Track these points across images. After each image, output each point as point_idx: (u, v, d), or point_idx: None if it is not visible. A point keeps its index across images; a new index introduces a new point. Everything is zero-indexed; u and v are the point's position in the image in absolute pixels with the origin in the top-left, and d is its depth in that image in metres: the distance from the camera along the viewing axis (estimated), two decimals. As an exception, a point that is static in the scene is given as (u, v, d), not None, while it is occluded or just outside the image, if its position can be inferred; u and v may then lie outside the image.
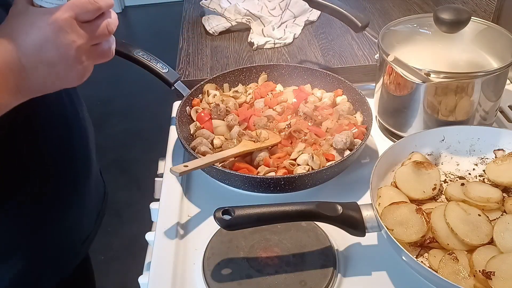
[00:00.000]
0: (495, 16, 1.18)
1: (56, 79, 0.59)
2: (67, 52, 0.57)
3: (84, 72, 0.61)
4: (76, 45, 0.57)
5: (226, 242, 0.76)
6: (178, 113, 0.95)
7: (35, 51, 0.56)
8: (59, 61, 0.57)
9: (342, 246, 0.77)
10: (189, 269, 0.75)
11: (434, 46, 0.95)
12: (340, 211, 0.70)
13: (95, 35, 0.59)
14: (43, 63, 0.57)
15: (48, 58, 0.57)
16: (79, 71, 0.60)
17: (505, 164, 0.82)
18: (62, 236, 0.84)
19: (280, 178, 0.80)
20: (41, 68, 0.57)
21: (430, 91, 0.89)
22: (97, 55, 0.61)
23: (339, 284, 0.71)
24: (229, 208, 0.68)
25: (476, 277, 0.65)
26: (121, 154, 2.66)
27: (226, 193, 0.87)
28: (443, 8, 0.90)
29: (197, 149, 0.89)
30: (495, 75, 0.86)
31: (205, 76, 1.17)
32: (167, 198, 0.87)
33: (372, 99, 1.02)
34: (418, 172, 0.80)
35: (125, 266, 2.03)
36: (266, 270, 0.71)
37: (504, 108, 1.08)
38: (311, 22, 1.41)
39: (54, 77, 0.59)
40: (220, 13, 1.39)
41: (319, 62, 1.21)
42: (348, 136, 0.89)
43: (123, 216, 2.29)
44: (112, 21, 0.60)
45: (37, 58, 0.57)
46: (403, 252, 0.66)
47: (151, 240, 0.83)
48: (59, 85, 0.61)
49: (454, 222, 0.70)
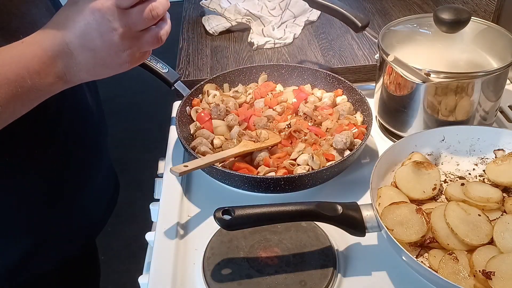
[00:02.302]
0: (495, 16, 1.18)
1: (102, 66, 0.61)
2: (110, 40, 0.58)
3: (130, 58, 0.61)
4: (118, 33, 0.58)
5: (226, 242, 0.76)
6: (178, 113, 0.95)
7: (80, 38, 0.58)
8: (102, 48, 0.59)
9: (342, 246, 0.76)
10: (189, 269, 0.75)
11: (434, 46, 0.95)
12: (340, 211, 0.70)
13: (138, 21, 0.58)
14: (88, 49, 0.59)
15: (92, 45, 0.58)
16: (124, 58, 0.60)
17: (505, 164, 0.82)
18: (72, 217, 0.86)
19: (280, 178, 0.80)
20: (87, 54, 0.59)
21: (430, 91, 0.89)
22: (144, 42, 0.61)
23: (339, 284, 0.71)
24: (229, 208, 0.68)
25: (476, 277, 0.65)
26: (121, 154, 2.65)
27: (226, 193, 0.87)
28: (443, 8, 0.90)
29: (197, 149, 0.89)
30: (495, 75, 0.86)
31: (205, 76, 1.17)
32: (167, 198, 0.87)
33: (372, 99, 1.02)
34: (418, 172, 0.80)
35: (125, 266, 2.03)
36: (266, 270, 0.71)
37: (504, 108, 1.08)
38: (311, 22, 1.41)
39: (99, 63, 0.60)
40: (220, 13, 1.39)
41: (319, 62, 1.21)
42: (348, 136, 0.89)
43: (123, 216, 2.28)
44: (157, 5, 0.59)
45: (82, 45, 0.58)
46: (403, 252, 0.66)
47: (151, 240, 0.83)
48: (105, 71, 0.62)
49: (454, 222, 0.70)
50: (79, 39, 0.58)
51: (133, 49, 0.60)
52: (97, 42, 0.58)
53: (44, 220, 0.80)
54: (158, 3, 0.59)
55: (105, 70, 0.62)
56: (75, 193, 0.85)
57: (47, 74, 0.59)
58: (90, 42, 0.58)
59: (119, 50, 0.59)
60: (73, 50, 0.58)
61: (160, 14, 0.59)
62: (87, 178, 0.88)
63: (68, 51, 0.58)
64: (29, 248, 0.80)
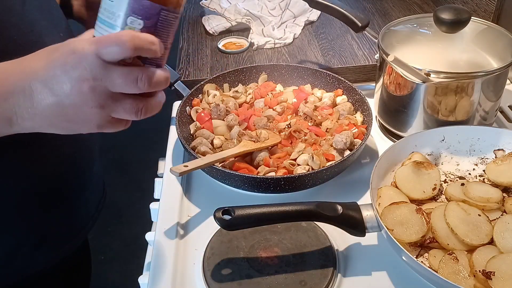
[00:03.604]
0: (495, 16, 1.18)
1: (62, 117, 0.52)
2: (79, 89, 0.50)
3: (98, 119, 0.52)
4: (90, 84, 0.49)
5: (226, 242, 0.76)
6: (178, 113, 0.95)
7: (48, 78, 0.50)
8: (68, 95, 0.50)
9: (342, 246, 0.76)
10: (189, 269, 0.75)
11: (434, 46, 0.95)
12: (340, 211, 0.70)
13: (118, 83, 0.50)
14: (51, 94, 0.50)
15: (58, 89, 0.50)
16: (91, 117, 0.52)
17: (505, 164, 0.82)
18: (63, 216, 0.85)
19: (280, 178, 0.80)
20: (48, 100, 0.51)
21: (430, 91, 0.89)
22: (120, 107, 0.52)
23: (339, 284, 0.71)
24: (229, 208, 0.68)
25: (476, 277, 0.65)
26: (121, 154, 2.65)
27: (226, 193, 0.87)
28: (443, 8, 0.90)
29: (197, 149, 0.89)
30: (495, 75, 0.86)
31: (205, 76, 1.17)
32: (167, 198, 0.87)
33: (372, 99, 1.02)
34: (418, 172, 0.80)
35: (125, 266, 2.03)
36: (266, 270, 0.71)
37: (504, 108, 1.08)
38: (311, 22, 1.41)
39: (61, 113, 0.51)
40: (220, 13, 1.39)
41: (319, 62, 1.21)
42: (348, 136, 0.89)
43: (123, 216, 2.29)
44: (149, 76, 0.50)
45: (48, 86, 0.50)
46: (403, 252, 0.66)
47: (151, 240, 0.83)
48: (65, 125, 0.53)
49: (454, 222, 0.70)
50: (46, 80, 0.50)
51: (105, 109, 0.51)
52: (64, 88, 0.50)
53: (33, 220, 0.80)
54: (153, 74, 0.51)
55: (65, 124, 0.53)
56: (67, 195, 0.84)
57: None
58: (57, 85, 0.50)
59: (86, 105, 0.50)
60: (34, 90, 0.51)
61: (148, 87, 0.51)
62: (81, 180, 0.87)
63: (27, 91, 0.51)
64: (19, 241, 0.79)
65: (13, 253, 0.79)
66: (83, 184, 0.89)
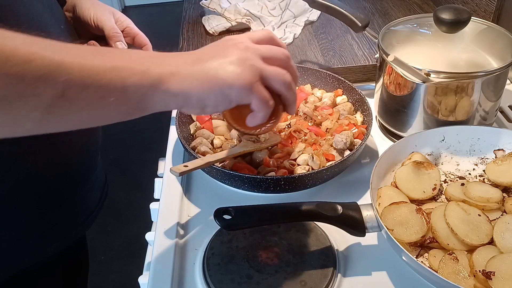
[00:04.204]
0: (495, 16, 1.18)
1: (204, 61, 0.59)
2: (235, 46, 0.60)
3: (241, 68, 0.58)
4: (246, 45, 0.60)
5: (226, 242, 0.76)
6: (178, 113, 0.95)
7: (196, 56, 0.60)
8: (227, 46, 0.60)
9: (342, 246, 0.76)
10: (189, 269, 0.75)
11: (434, 46, 0.95)
12: (340, 211, 0.70)
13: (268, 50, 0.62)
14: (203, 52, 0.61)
15: (208, 49, 0.61)
16: (235, 61, 0.59)
17: (505, 164, 0.82)
18: (67, 210, 0.85)
19: (280, 178, 0.80)
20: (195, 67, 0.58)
21: (430, 91, 0.89)
22: (269, 68, 0.61)
23: (339, 284, 0.71)
24: (229, 208, 0.68)
25: (476, 277, 0.65)
26: (121, 154, 2.66)
27: (226, 193, 0.87)
28: (443, 8, 0.90)
29: (197, 149, 0.89)
30: (495, 75, 0.86)
31: (205, 76, 1.16)
32: (167, 198, 0.87)
33: (372, 99, 1.02)
34: (418, 172, 0.80)
35: (125, 266, 2.03)
36: (266, 270, 0.71)
37: (504, 108, 1.08)
38: (311, 22, 1.41)
39: (205, 58, 0.59)
40: (220, 13, 1.39)
41: (319, 62, 1.21)
42: (348, 136, 0.89)
43: (123, 216, 2.29)
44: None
45: (195, 56, 0.60)
46: (403, 252, 0.66)
47: (151, 240, 0.83)
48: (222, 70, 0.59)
49: (454, 222, 0.70)
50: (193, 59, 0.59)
51: (258, 63, 0.60)
52: (215, 48, 0.62)
53: (33, 216, 0.79)
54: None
55: (221, 65, 0.59)
56: (72, 189, 0.85)
57: (146, 78, 0.56)
58: (208, 49, 0.62)
59: (235, 47, 0.60)
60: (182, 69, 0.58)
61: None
62: (85, 174, 0.88)
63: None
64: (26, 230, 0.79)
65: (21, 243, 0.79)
66: (86, 181, 0.89)
